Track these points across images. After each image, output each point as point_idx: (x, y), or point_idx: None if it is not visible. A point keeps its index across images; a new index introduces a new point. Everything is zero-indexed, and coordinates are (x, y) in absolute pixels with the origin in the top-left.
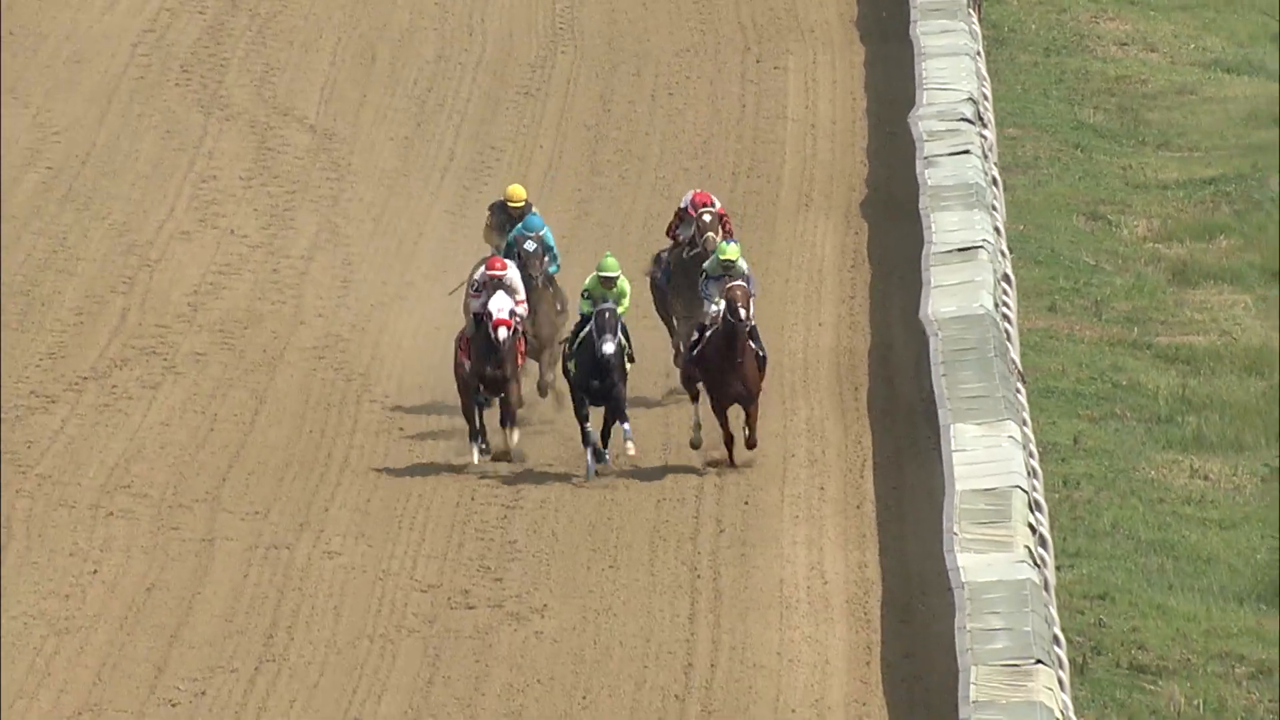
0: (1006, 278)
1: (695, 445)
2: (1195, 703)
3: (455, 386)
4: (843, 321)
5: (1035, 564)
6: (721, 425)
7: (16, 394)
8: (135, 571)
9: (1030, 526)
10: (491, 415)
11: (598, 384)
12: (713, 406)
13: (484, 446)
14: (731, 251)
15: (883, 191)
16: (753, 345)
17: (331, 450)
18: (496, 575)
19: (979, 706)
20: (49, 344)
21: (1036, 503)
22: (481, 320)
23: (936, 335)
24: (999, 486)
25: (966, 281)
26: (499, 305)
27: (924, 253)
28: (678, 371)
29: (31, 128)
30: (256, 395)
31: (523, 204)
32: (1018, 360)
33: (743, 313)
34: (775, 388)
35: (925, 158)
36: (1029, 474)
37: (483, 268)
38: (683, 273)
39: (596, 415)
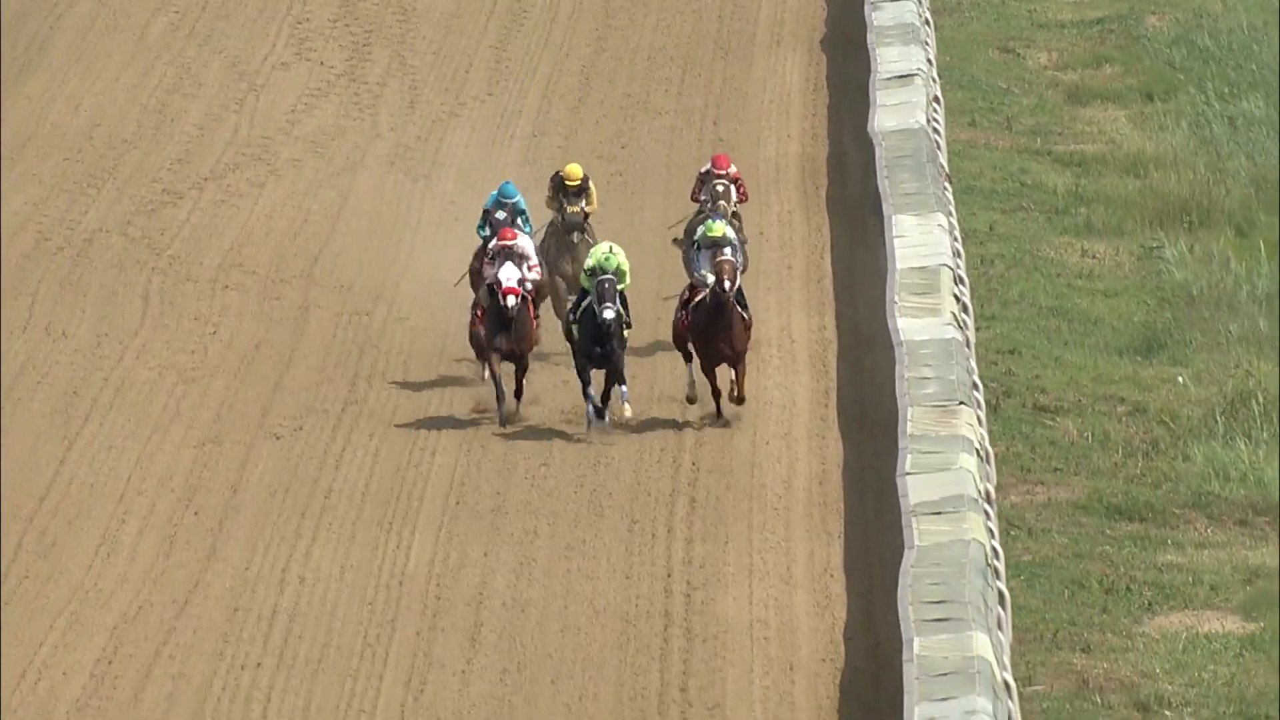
0: (936, 99)
1: (690, 401)
2: (1085, 435)
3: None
4: (806, 134)
5: (959, 326)
6: (710, 383)
7: (151, 191)
8: (246, 333)
9: (955, 296)
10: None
11: (598, 349)
12: (703, 366)
13: (501, 394)
14: (718, 228)
15: (838, 30)
16: (739, 310)
17: (402, 237)
18: (535, 355)
19: (915, 439)
20: (176, 152)
21: (960, 277)
22: (494, 290)
23: (881, 145)
24: (930, 265)
25: (904, 102)
26: (508, 275)
27: (871, 79)
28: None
29: None
30: (341, 193)
31: (579, 182)
32: (945, 165)
33: (728, 285)
34: (752, 189)
35: (871, 2)
36: (954, 254)
37: (495, 239)
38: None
39: (597, 379)
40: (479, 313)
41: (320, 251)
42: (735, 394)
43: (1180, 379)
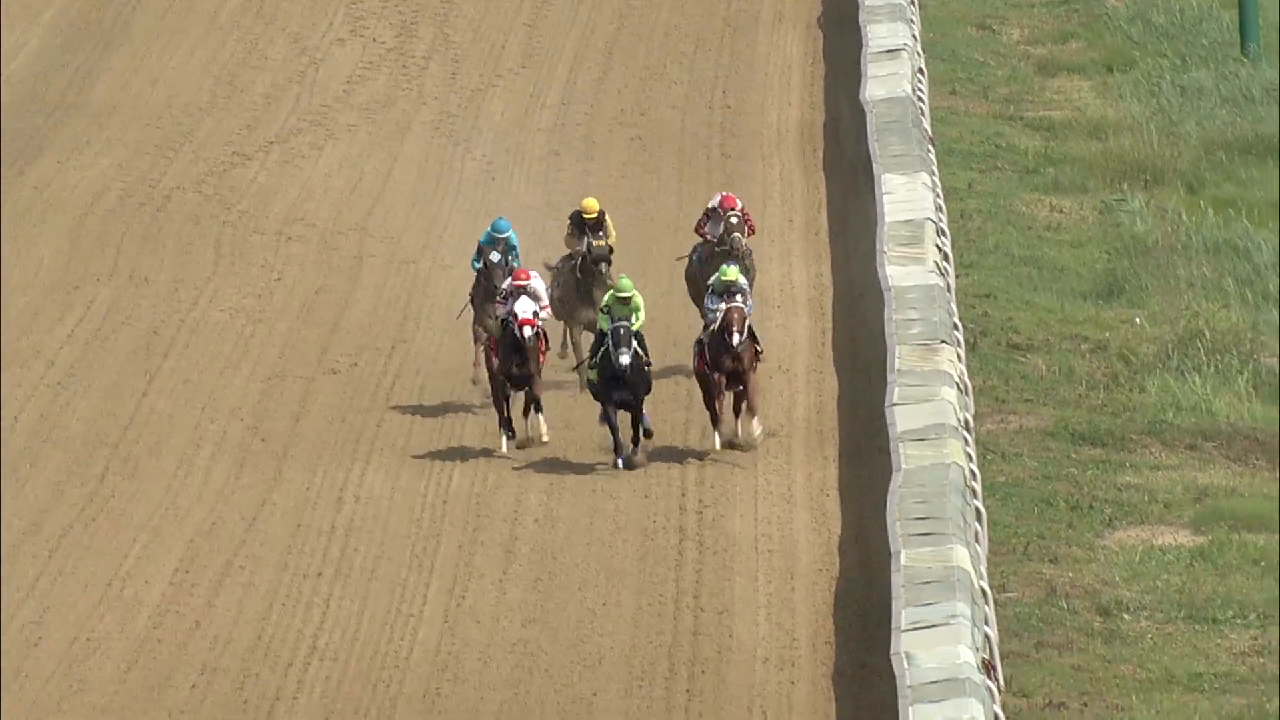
0: (920, 71)
1: (724, 439)
2: (1053, 369)
3: (486, 377)
4: (805, 102)
5: (940, 273)
6: (721, 409)
7: (223, 154)
8: (307, 279)
9: (937, 247)
10: (516, 405)
11: (618, 390)
12: (714, 390)
13: (511, 434)
14: (732, 273)
15: (833, 9)
16: (751, 344)
17: (445, 194)
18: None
19: (902, 374)
20: (245, 118)
21: (941, 229)
22: (507, 324)
23: (871, 111)
24: (915, 218)
25: (892, 73)
26: (523, 308)
27: (862, 53)
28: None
29: None
30: (391, 154)
31: (596, 215)
32: (928, 129)
33: (736, 338)
34: (758, 151)
35: None
36: (936, 209)
37: (509, 279)
38: (712, 264)
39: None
40: (492, 344)
41: (372, 207)
42: (746, 411)
43: (1137, 320)
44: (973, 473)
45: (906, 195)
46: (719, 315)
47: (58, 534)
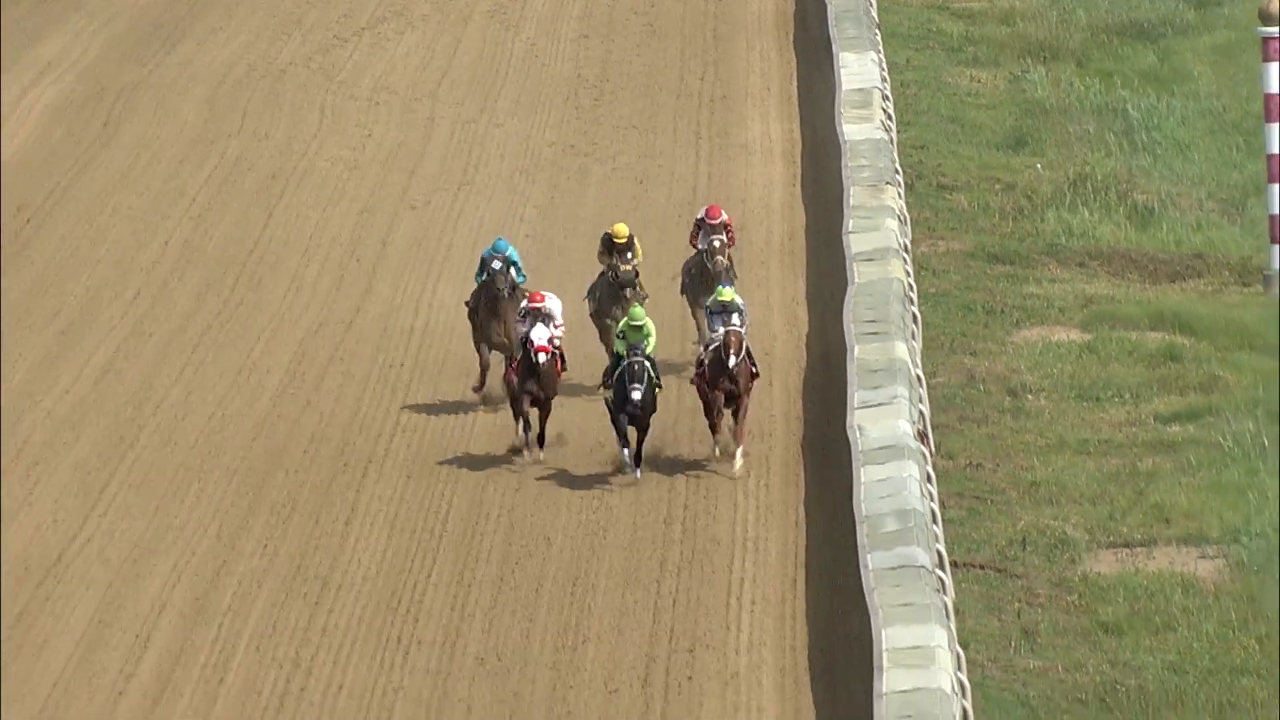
0: None
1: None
2: (972, 205)
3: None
4: None
5: (885, 130)
6: (717, 423)
7: (325, 37)
8: (391, 136)
9: (882, 109)
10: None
11: (631, 411)
12: (713, 408)
13: (528, 427)
14: (728, 294)
15: None
16: (748, 362)
17: (499, 68)
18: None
19: (855, 208)
20: (343, 9)
21: (886, 95)
22: (525, 346)
23: (830, 3)
24: (865, 87)
25: None
26: (539, 335)
27: None
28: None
29: None
30: (456, 38)
31: (626, 239)
32: (876, 17)
33: (733, 360)
34: (742, 35)
35: None
36: (882, 80)
37: (525, 300)
38: (700, 273)
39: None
40: (513, 363)
41: (442, 79)
42: (734, 430)
43: (1038, 166)
44: (910, 285)
45: (858, 69)
46: (717, 338)
47: (199, 333)
